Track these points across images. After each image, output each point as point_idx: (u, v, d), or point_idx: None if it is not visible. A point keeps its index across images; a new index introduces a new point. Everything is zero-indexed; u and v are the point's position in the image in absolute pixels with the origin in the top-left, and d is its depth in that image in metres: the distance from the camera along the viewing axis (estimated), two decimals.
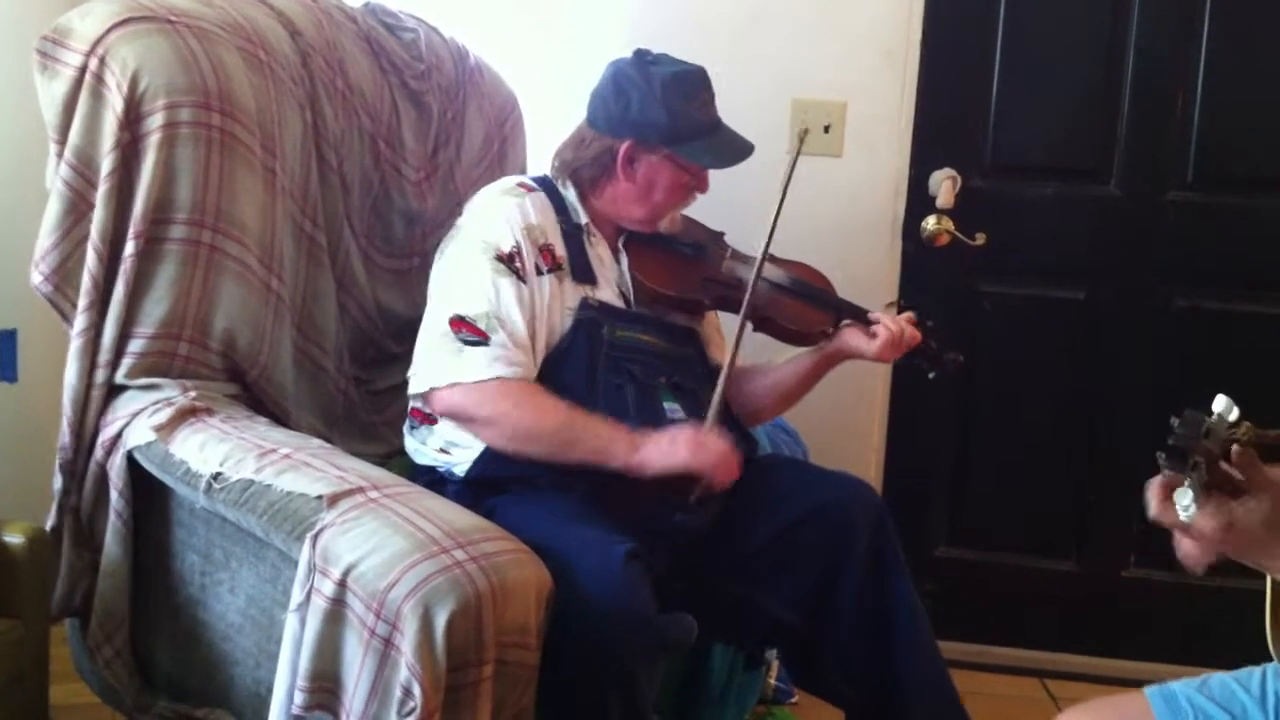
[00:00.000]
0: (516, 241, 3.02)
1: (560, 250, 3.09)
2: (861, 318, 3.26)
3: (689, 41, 3.93)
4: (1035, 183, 4.25)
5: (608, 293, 3.15)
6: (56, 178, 2.98)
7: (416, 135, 3.59)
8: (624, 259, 3.21)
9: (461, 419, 2.97)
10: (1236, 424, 1.91)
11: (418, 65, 3.61)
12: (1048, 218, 4.26)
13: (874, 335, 3.22)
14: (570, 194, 3.18)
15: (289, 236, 3.21)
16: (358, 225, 3.44)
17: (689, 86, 3.12)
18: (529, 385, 2.95)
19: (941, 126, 4.23)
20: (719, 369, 3.19)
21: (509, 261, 2.99)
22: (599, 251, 3.18)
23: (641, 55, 3.15)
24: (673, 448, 2.88)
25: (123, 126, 2.93)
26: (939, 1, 4.17)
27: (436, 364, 2.97)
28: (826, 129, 4.15)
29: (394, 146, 3.53)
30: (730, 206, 3.32)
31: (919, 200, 4.22)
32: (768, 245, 3.16)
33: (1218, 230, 4.20)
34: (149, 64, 2.94)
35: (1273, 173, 4.16)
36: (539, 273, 3.03)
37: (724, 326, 3.42)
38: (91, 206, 2.96)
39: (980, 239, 4.10)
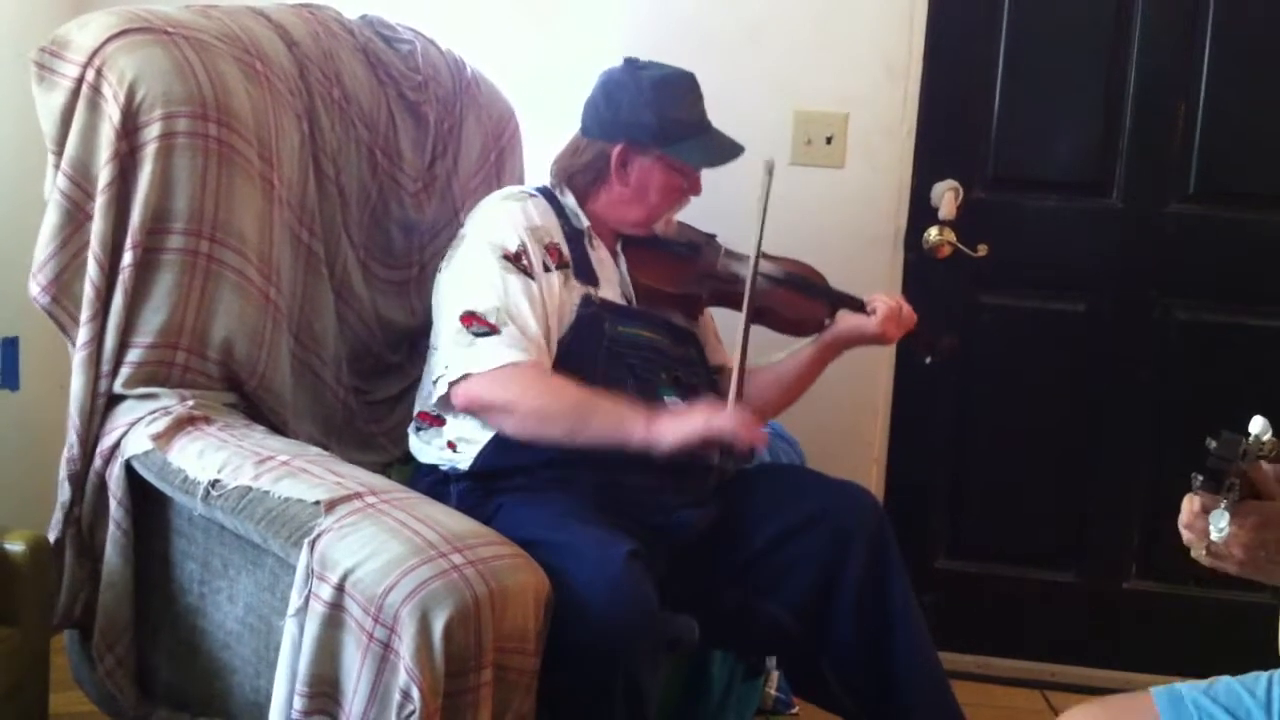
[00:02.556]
0: (522, 241, 3.05)
1: (565, 250, 3.12)
2: (857, 306, 3.29)
3: (691, 53, 3.93)
4: (1037, 195, 4.26)
5: (610, 292, 3.18)
6: (54, 188, 2.98)
7: (414, 146, 3.59)
8: (623, 262, 3.25)
9: (480, 410, 2.99)
10: (1266, 442, 1.91)
11: (415, 77, 3.61)
12: (1049, 230, 4.26)
13: (872, 312, 3.25)
14: (569, 200, 3.21)
15: (287, 246, 3.21)
16: (355, 236, 3.44)
17: (677, 88, 3.17)
18: (540, 368, 2.97)
19: (943, 138, 4.24)
20: (718, 369, 3.21)
21: (515, 260, 3.02)
22: (600, 255, 3.21)
23: (632, 62, 3.20)
24: (689, 417, 2.89)
25: (120, 137, 2.93)
26: (941, 13, 4.18)
27: (452, 360, 3.00)
28: (829, 140, 4.16)
29: (391, 157, 3.53)
30: (736, 218, 3.30)
31: (921, 211, 4.23)
32: (759, 242, 3.14)
33: (1219, 244, 4.21)
34: (146, 75, 2.94)
35: (1274, 187, 4.17)
36: (546, 270, 3.06)
37: (722, 330, 3.44)
38: (89, 217, 2.96)
39: (982, 250, 4.11)
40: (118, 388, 2.98)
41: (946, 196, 4.15)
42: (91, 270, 2.95)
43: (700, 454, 2.90)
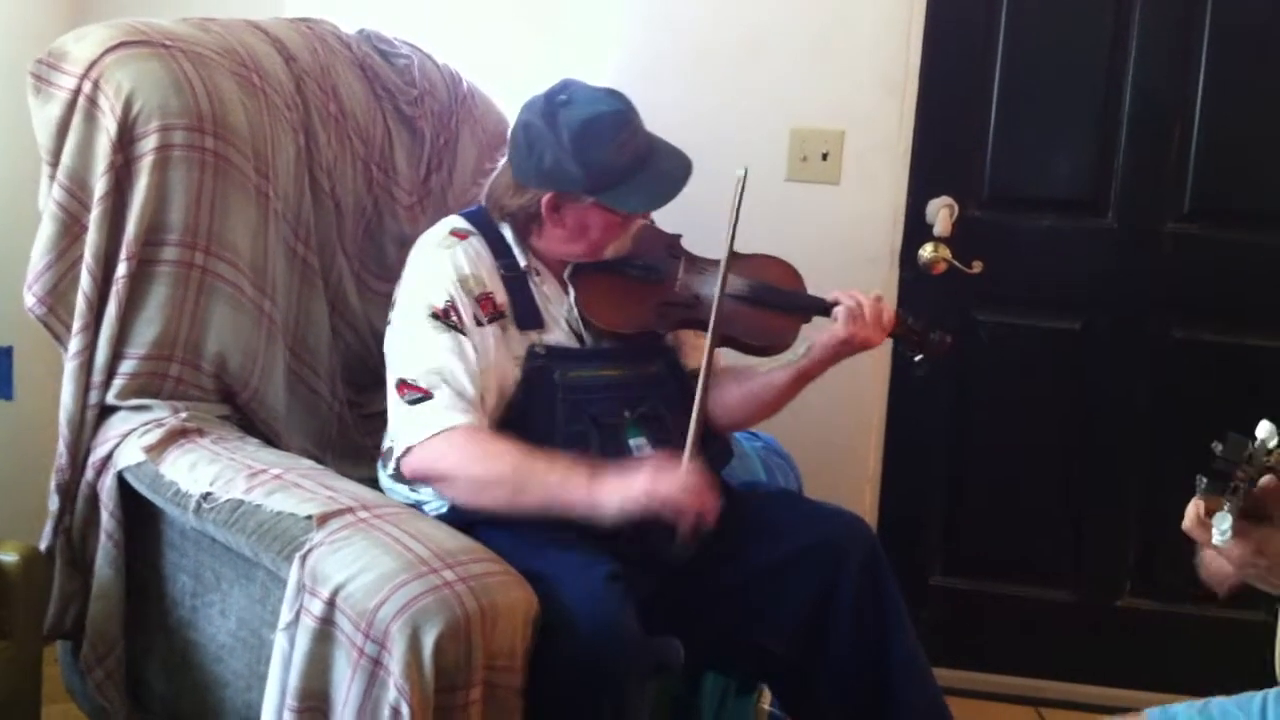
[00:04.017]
0: (450, 295, 2.92)
1: (501, 297, 3.00)
2: (826, 311, 3.14)
3: (687, 71, 3.97)
4: (1032, 213, 4.25)
5: (557, 334, 3.06)
6: (50, 200, 3.00)
7: (409, 160, 3.60)
8: (572, 293, 3.10)
9: (427, 481, 2.91)
10: (1272, 450, 1.91)
11: (411, 91, 3.62)
12: (1045, 248, 4.25)
13: (835, 318, 3.09)
14: (508, 234, 3.08)
15: (282, 259, 3.22)
16: (350, 249, 3.45)
17: (600, 132, 2.94)
18: (478, 432, 2.85)
19: (939, 156, 4.24)
20: (695, 373, 3.13)
21: (444, 317, 2.90)
22: (545, 290, 3.08)
23: (551, 97, 2.99)
24: (628, 487, 2.73)
25: (116, 149, 2.94)
26: (938, 31, 4.17)
27: (396, 434, 2.92)
28: (825, 157, 4.16)
29: (387, 171, 3.54)
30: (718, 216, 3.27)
31: (916, 229, 4.22)
32: (722, 287, 3.00)
33: (1214, 262, 4.20)
34: (143, 87, 2.96)
35: (1270, 205, 4.16)
36: (479, 324, 2.94)
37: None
38: (85, 229, 2.98)
39: (977, 267, 4.10)
40: (111, 399, 2.99)
41: (942, 214, 4.14)
42: (84, 281, 2.97)
43: (646, 527, 2.75)
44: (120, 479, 2.92)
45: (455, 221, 3.12)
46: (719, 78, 4.12)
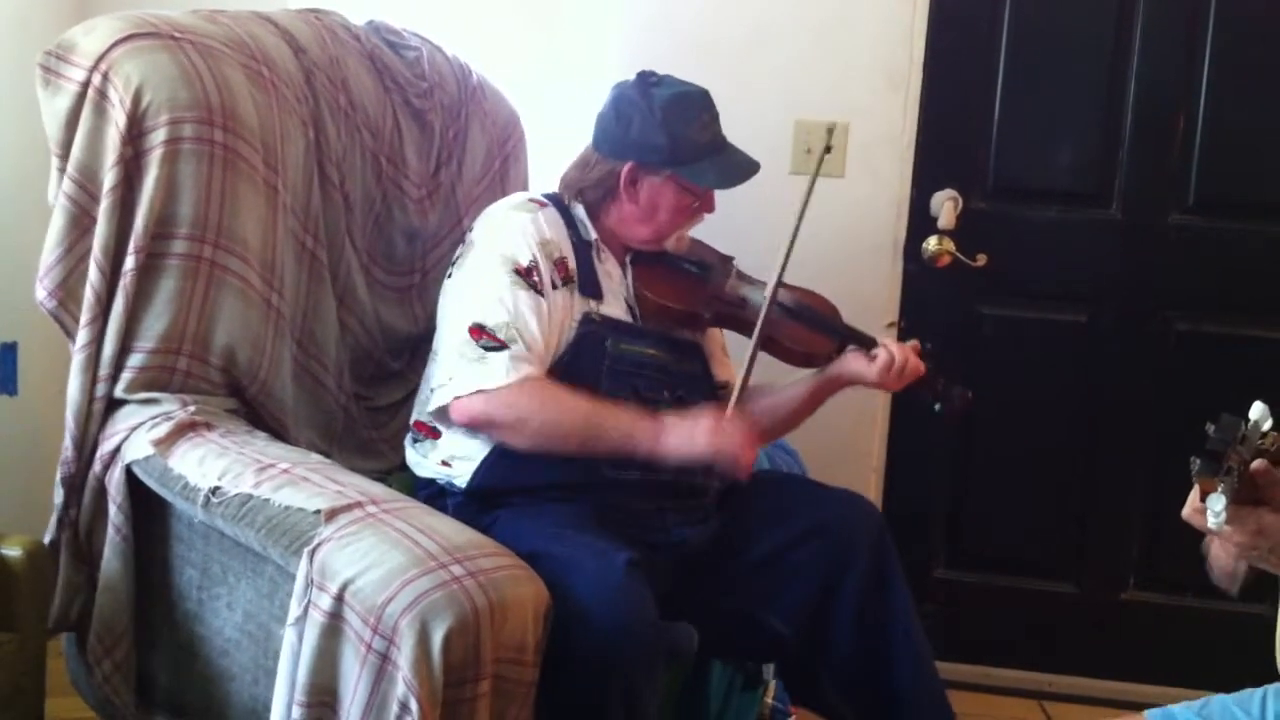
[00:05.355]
0: (533, 256, 3.01)
1: (572, 264, 3.10)
2: (866, 344, 3.24)
3: (692, 64, 3.93)
4: (1037, 205, 4.25)
5: (614, 308, 3.15)
6: (60, 193, 2.98)
7: (419, 153, 3.59)
8: (630, 274, 3.21)
9: (485, 426, 2.96)
10: (1265, 434, 1.91)
11: (420, 83, 3.61)
12: (1049, 240, 4.26)
13: (874, 359, 3.18)
14: (579, 211, 3.17)
15: (290, 253, 3.21)
16: (359, 242, 3.44)
17: (690, 108, 3.12)
18: (549, 383, 2.96)
19: (943, 148, 4.24)
20: (722, 385, 3.20)
21: (526, 275, 2.99)
22: (608, 268, 3.18)
23: (644, 77, 3.15)
24: (693, 436, 2.90)
25: (125, 142, 2.93)
26: (942, 23, 4.18)
27: (458, 373, 2.95)
28: (828, 149, 4.15)
29: (396, 164, 3.53)
30: (735, 227, 3.35)
31: (920, 221, 4.23)
32: (783, 268, 3.14)
33: (1219, 254, 4.21)
34: (152, 80, 2.94)
35: (1274, 197, 4.17)
36: (554, 286, 3.03)
37: (731, 348, 3.42)
38: (94, 221, 2.96)
39: (981, 260, 4.10)
40: (119, 392, 2.98)
41: (946, 206, 4.14)
42: (92, 274, 2.96)
43: (692, 469, 2.95)
44: (129, 472, 2.91)
45: (531, 194, 3.25)
46: (723, 70, 4.09)
